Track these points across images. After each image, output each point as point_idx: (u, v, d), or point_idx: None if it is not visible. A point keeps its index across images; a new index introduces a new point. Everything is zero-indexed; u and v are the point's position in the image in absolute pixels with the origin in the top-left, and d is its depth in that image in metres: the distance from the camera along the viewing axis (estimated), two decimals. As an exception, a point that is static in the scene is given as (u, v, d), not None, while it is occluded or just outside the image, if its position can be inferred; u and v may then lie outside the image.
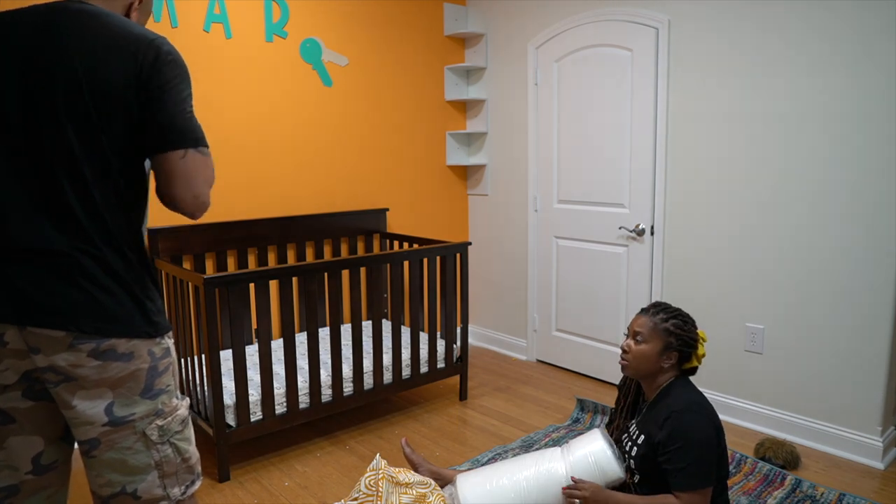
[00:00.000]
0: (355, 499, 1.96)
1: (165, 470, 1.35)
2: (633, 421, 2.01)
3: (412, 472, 2.10)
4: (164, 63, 1.26)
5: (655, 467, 1.83)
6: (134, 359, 1.28)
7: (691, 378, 1.97)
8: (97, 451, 1.30)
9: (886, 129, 2.52)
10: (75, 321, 1.22)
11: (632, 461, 1.91)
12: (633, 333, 1.94)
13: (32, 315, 1.21)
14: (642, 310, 1.98)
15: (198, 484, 1.44)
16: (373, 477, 1.98)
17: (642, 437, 1.89)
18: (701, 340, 1.94)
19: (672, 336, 1.89)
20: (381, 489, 1.94)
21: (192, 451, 1.42)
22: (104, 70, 1.22)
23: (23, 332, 1.22)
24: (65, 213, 1.23)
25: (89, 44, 1.23)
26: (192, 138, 1.28)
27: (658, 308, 1.95)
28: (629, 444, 1.94)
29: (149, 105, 1.26)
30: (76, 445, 1.36)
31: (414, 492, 2.00)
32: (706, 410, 1.83)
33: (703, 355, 1.95)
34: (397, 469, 2.05)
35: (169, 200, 1.31)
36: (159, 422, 1.33)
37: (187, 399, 1.44)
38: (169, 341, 1.37)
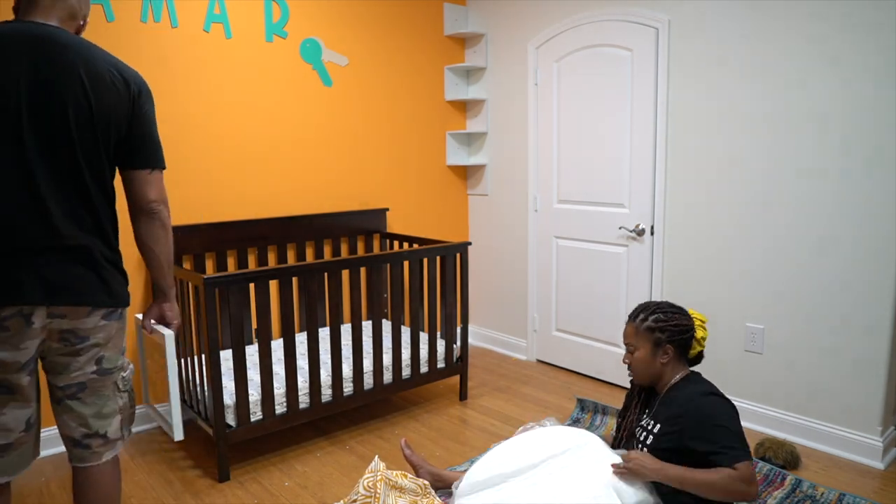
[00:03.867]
0: (354, 500, 1.96)
1: (124, 415, 1.71)
2: (646, 414, 2.01)
3: (410, 475, 2.11)
4: (147, 96, 1.64)
5: (671, 456, 1.83)
6: (121, 320, 1.66)
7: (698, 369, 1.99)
8: (83, 394, 1.62)
9: (886, 130, 2.52)
10: (93, 297, 1.56)
11: (646, 450, 1.92)
12: (626, 345, 1.98)
13: (60, 295, 1.50)
14: (628, 318, 2.01)
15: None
16: (371, 478, 1.99)
17: (658, 426, 1.90)
18: (698, 323, 1.94)
19: (656, 332, 1.90)
20: (378, 490, 1.95)
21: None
22: (108, 99, 1.54)
23: (49, 309, 1.50)
24: (76, 215, 1.53)
25: (92, 73, 1.51)
26: (161, 160, 1.69)
27: (638, 310, 1.99)
28: (644, 434, 1.95)
29: (133, 130, 1.61)
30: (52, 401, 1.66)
31: (408, 498, 2.01)
32: (724, 396, 1.86)
33: (705, 337, 1.95)
34: (395, 472, 2.05)
35: (144, 200, 1.66)
36: (124, 374, 1.71)
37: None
38: None
